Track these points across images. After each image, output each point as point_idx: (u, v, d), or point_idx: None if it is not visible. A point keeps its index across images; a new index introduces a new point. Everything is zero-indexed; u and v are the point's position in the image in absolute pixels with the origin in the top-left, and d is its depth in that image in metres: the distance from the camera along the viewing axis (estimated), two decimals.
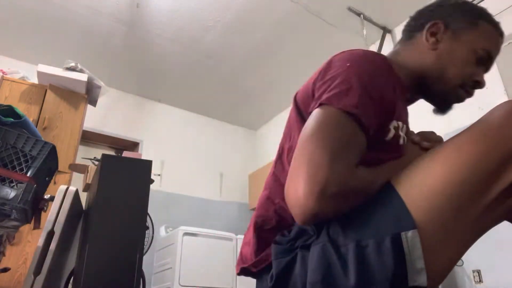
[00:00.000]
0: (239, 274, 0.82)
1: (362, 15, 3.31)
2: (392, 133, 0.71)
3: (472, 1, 0.79)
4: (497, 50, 0.83)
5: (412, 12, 0.92)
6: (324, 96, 0.67)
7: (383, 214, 0.62)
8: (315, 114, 0.67)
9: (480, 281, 2.38)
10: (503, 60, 2.60)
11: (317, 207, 0.58)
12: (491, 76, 2.63)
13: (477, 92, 0.88)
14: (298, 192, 0.60)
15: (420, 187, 0.61)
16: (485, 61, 0.82)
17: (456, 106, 0.91)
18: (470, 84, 0.82)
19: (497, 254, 2.28)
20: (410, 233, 0.57)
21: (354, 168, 0.62)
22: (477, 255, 2.38)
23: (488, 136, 0.60)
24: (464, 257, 2.45)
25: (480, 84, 0.82)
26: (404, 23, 0.91)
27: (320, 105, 0.67)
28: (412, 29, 0.86)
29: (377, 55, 0.76)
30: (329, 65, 0.75)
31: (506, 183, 0.58)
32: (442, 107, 0.88)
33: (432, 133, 0.84)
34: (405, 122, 0.78)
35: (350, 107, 0.64)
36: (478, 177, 0.58)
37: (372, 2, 3.20)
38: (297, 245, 0.68)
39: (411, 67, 0.82)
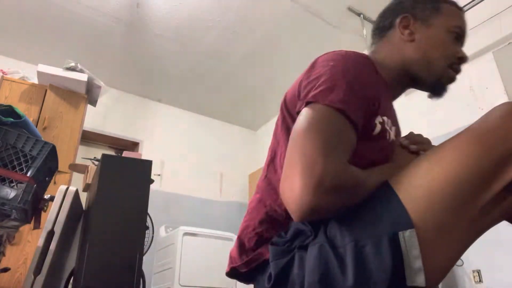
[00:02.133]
0: (228, 274, 0.81)
1: (362, 15, 3.32)
2: (379, 127, 0.73)
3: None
4: (464, 23, 0.87)
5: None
6: (311, 94, 0.69)
7: (381, 213, 0.62)
8: (304, 112, 0.68)
9: (480, 281, 2.38)
10: (503, 60, 2.60)
11: (314, 201, 0.59)
12: (491, 76, 2.64)
13: (477, 92, 0.89)
14: (294, 188, 0.60)
15: (418, 187, 0.61)
16: (460, 37, 0.86)
17: (456, 106, 0.92)
18: (456, 62, 0.85)
19: (497, 254, 2.28)
20: (407, 233, 0.58)
21: (347, 163, 0.63)
22: (477, 255, 2.38)
23: (485, 137, 0.61)
24: (464, 257, 2.45)
25: (464, 58, 0.85)
26: None
27: (307, 103, 0.69)
28: (382, 29, 0.91)
29: (359, 54, 0.78)
30: (313, 65, 0.76)
31: (502, 184, 0.58)
32: (437, 91, 0.90)
33: (419, 135, 0.86)
34: (392, 118, 0.82)
35: (337, 103, 0.65)
36: (475, 178, 0.59)
37: (372, 2, 3.20)
38: (295, 245, 0.68)
39: (393, 63, 0.85)
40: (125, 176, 1.56)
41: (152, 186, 1.67)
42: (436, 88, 0.89)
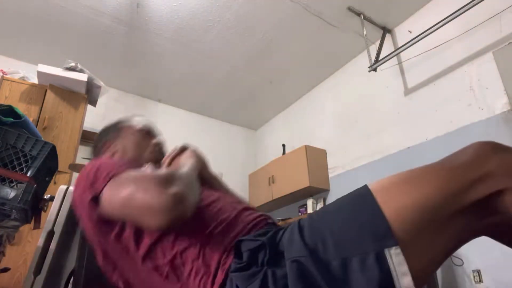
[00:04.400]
0: None
1: (362, 15, 3.32)
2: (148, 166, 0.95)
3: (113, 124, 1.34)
4: (144, 125, 1.22)
5: (412, 12, 0.92)
6: (96, 187, 0.80)
7: (365, 228, 0.64)
8: (103, 199, 0.78)
9: (480, 281, 2.38)
10: (503, 60, 2.60)
11: (169, 200, 0.68)
12: (491, 76, 2.64)
13: (477, 92, 0.90)
14: (146, 200, 0.69)
15: (402, 204, 0.64)
16: (147, 133, 1.20)
17: (456, 106, 0.93)
18: (156, 149, 1.17)
19: (497, 254, 2.28)
20: (393, 250, 0.60)
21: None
22: (477, 255, 2.38)
23: (454, 167, 0.68)
24: (464, 257, 2.45)
25: (157, 144, 1.20)
26: (404, 23, 0.93)
27: (96, 195, 0.79)
28: (97, 153, 1.19)
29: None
30: (78, 181, 0.89)
31: (469, 201, 0.64)
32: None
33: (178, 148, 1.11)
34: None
35: (110, 176, 0.79)
36: (449, 196, 0.65)
37: (372, 2, 3.20)
38: (261, 263, 0.67)
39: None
40: None
41: None
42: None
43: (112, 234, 0.80)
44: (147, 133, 1.20)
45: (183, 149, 1.10)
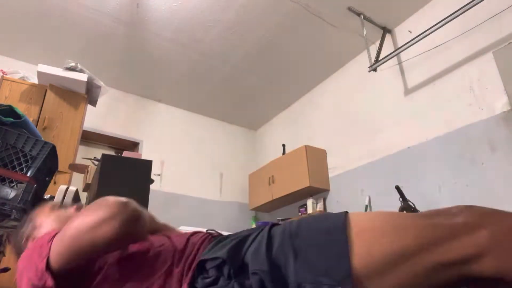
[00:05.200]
0: None
1: (362, 15, 3.31)
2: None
3: None
4: None
5: (412, 12, 0.92)
6: (44, 253, 0.77)
7: (328, 263, 0.65)
8: (52, 255, 0.75)
9: None
10: (503, 60, 2.60)
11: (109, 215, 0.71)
12: (491, 76, 2.64)
13: (477, 92, 0.90)
14: (95, 217, 0.71)
15: (373, 251, 0.65)
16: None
17: (456, 106, 0.92)
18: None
19: None
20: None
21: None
22: None
23: (435, 217, 0.67)
24: None
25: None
26: (404, 23, 0.93)
27: (47, 258, 0.75)
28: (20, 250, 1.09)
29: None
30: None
31: (437, 260, 0.63)
32: None
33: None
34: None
35: (51, 238, 0.77)
36: (418, 249, 0.64)
37: (372, 2, 3.20)
38: (228, 275, 0.70)
39: None
40: (125, 176, 1.56)
41: (152, 186, 1.67)
42: None
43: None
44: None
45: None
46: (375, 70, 3.31)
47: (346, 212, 0.72)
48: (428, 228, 0.66)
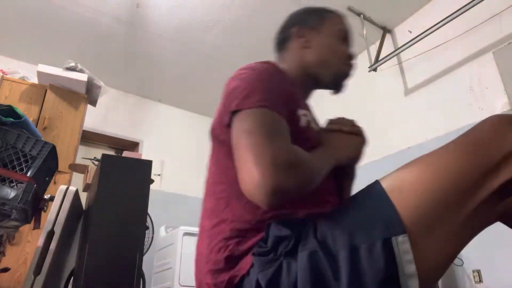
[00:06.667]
0: None
1: (362, 15, 3.31)
2: (304, 119, 0.80)
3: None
4: (347, 27, 1.03)
5: (412, 12, 0.93)
6: (233, 105, 0.73)
7: (374, 218, 0.64)
8: (235, 122, 0.72)
9: (480, 281, 2.38)
10: (503, 60, 2.60)
11: (274, 181, 0.61)
12: (491, 76, 2.64)
13: (477, 92, 0.90)
14: (252, 175, 0.62)
15: (411, 192, 0.64)
16: (346, 38, 1.01)
17: (456, 106, 0.93)
18: (346, 59, 0.98)
19: (497, 254, 2.28)
20: (400, 238, 0.60)
21: (291, 143, 0.68)
22: (477, 255, 2.38)
23: (474, 147, 0.66)
24: (464, 257, 2.45)
25: (351, 56, 0.99)
26: (404, 23, 0.95)
27: (233, 113, 0.72)
28: (282, 42, 1.01)
29: (266, 62, 0.85)
30: (228, 84, 0.81)
31: (490, 190, 0.62)
32: (336, 87, 1.01)
33: (343, 118, 0.91)
34: (311, 114, 0.90)
35: (257, 103, 0.70)
36: (464, 184, 0.63)
37: (372, 2, 3.20)
38: (280, 253, 0.67)
39: (296, 68, 0.95)
40: (125, 176, 1.56)
41: (152, 186, 1.67)
42: (335, 85, 1.00)
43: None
44: (344, 38, 1.01)
45: (357, 132, 0.87)
46: (375, 70, 3.31)
47: (376, 180, 0.70)
48: (468, 161, 0.64)
